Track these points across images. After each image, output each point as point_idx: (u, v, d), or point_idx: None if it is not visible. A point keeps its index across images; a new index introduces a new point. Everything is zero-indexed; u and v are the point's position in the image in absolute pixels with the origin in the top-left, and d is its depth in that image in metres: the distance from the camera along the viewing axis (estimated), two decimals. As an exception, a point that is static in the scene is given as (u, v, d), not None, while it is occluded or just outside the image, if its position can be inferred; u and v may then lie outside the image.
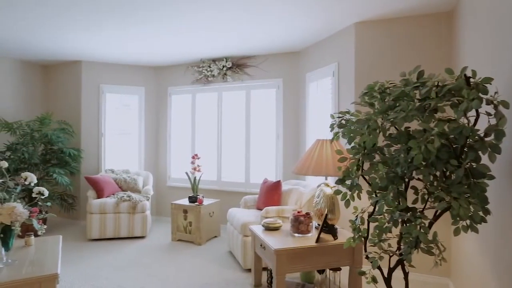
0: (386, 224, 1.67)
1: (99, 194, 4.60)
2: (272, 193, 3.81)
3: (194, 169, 4.60)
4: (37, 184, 4.17)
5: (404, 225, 1.64)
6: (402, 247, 1.71)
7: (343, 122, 1.99)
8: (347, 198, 1.91)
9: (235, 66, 4.95)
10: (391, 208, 1.64)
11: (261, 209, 3.91)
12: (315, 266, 2.53)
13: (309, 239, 2.61)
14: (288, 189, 3.85)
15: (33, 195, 2.62)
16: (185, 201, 4.57)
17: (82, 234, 4.81)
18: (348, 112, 2.00)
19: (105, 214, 4.44)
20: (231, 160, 5.12)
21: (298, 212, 2.75)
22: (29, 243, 2.74)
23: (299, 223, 2.69)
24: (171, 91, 5.61)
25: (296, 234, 2.70)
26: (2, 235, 2.23)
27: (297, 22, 3.52)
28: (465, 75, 1.40)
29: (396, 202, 1.64)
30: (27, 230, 4.38)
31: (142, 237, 4.63)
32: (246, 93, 4.98)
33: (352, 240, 1.85)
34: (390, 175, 1.69)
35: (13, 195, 2.49)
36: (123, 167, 5.52)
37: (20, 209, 2.27)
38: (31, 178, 2.61)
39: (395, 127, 1.72)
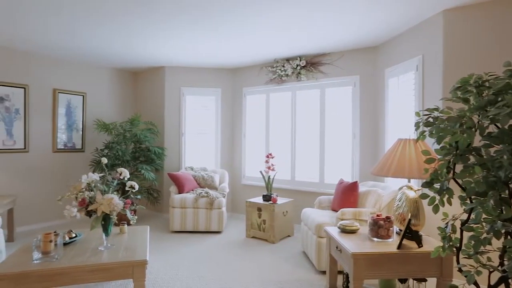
0: (485, 235, 1.48)
1: (180, 189, 4.94)
2: (348, 194, 3.67)
3: (268, 168, 4.66)
4: (128, 179, 4.65)
5: (509, 237, 1.43)
6: (506, 262, 1.50)
7: (431, 120, 1.82)
8: (435, 203, 1.74)
9: (309, 64, 4.89)
10: (491, 217, 1.45)
11: (336, 211, 3.80)
12: (396, 274, 2.37)
13: (390, 245, 2.45)
14: (366, 191, 3.67)
15: (126, 188, 2.92)
16: (259, 200, 4.66)
17: (165, 226, 5.22)
18: (436, 109, 1.83)
19: (185, 209, 4.75)
20: (305, 159, 5.07)
21: (378, 216, 2.60)
22: (123, 231, 3.07)
23: (379, 227, 2.54)
24: (245, 91, 5.77)
25: (375, 239, 2.56)
26: (103, 222, 2.53)
27: (375, 15, 3.34)
28: None
29: (498, 210, 1.44)
30: (121, 219, 4.90)
31: (218, 232, 4.85)
32: (320, 91, 4.88)
33: (441, 250, 1.68)
34: (489, 179, 1.50)
35: (111, 188, 2.81)
36: (201, 165, 5.85)
37: (116, 200, 2.55)
38: (125, 173, 2.92)
39: (496, 125, 1.52)
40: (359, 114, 4.53)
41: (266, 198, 4.54)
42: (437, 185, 1.74)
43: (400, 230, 2.64)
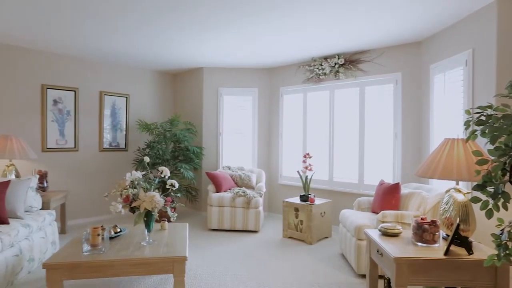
0: (548, 243, 1.35)
1: (218, 188, 5.02)
2: (389, 196, 3.53)
3: (306, 168, 4.60)
4: (169, 178, 4.80)
5: None
6: None
7: (483, 118, 1.70)
8: (489, 208, 1.62)
9: (348, 62, 4.76)
10: (555, 224, 1.32)
11: (377, 213, 3.67)
12: (442, 282, 2.24)
13: (436, 251, 2.32)
14: (408, 193, 3.51)
15: (167, 186, 3.01)
16: (296, 200, 4.62)
17: (203, 223, 5.33)
18: (490, 107, 1.70)
19: (223, 207, 4.82)
20: (343, 160, 4.95)
21: (422, 219, 2.47)
22: (164, 227, 3.17)
23: (423, 231, 2.41)
24: (282, 91, 5.74)
25: (419, 243, 2.44)
26: (145, 219, 2.63)
27: (418, 9, 3.17)
28: None
29: (563, 216, 1.31)
30: (162, 216, 5.07)
31: (255, 231, 4.87)
32: (359, 90, 4.74)
33: (496, 258, 1.56)
34: (553, 182, 1.36)
35: (152, 186, 2.91)
36: (238, 164, 5.91)
37: (158, 198, 2.64)
38: (166, 172, 3.01)
39: (561, 123, 1.38)
40: (401, 113, 4.34)
41: (304, 198, 4.48)
42: (490, 189, 1.62)
43: (447, 235, 2.49)
